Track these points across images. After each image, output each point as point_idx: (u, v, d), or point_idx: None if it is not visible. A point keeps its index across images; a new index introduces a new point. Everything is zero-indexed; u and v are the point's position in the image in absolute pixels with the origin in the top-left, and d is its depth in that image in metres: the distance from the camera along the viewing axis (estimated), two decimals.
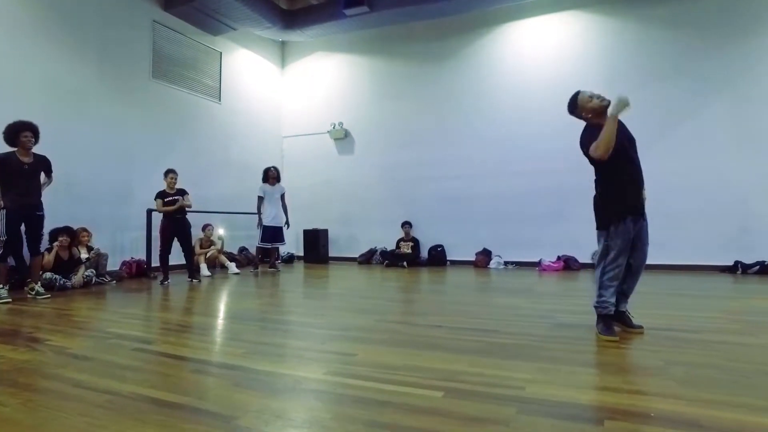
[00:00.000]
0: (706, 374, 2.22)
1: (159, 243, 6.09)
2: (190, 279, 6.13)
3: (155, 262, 6.63)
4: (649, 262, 3.14)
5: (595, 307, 3.07)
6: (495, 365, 2.40)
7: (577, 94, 3.12)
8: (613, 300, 3.03)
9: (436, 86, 9.07)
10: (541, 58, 8.33)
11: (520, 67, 8.47)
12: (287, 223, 7.77)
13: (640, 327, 3.10)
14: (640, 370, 2.33)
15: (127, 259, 6.85)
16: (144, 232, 6.77)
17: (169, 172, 6.11)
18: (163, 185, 6.14)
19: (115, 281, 6.10)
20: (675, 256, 7.29)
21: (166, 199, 6.01)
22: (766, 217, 6.99)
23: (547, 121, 8.12)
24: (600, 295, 3.04)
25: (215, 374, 2.29)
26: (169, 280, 5.99)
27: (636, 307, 3.35)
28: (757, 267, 6.83)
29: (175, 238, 6.05)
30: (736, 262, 7.01)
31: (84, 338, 3.02)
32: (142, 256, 6.86)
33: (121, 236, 6.90)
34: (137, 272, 6.74)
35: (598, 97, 3.03)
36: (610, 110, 2.90)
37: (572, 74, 8.01)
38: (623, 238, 2.95)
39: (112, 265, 6.46)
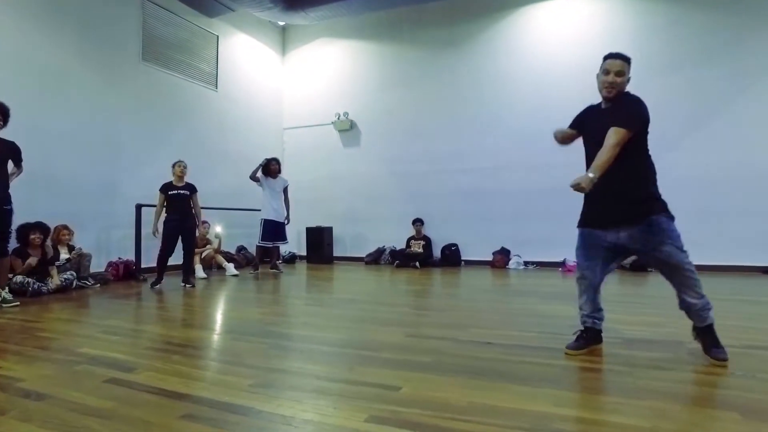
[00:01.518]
0: None
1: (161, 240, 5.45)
2: (183, 284, 5.43)
3: (145, 263, 5.99)
4: None
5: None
6: (584, 403, 1.81)
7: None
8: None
9: (449, 74, 8.42)
10: (563, 42, 7.71)
11: (541, 52, 7.84)
12: (287, 218, 7.13)
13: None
14: None
15: (114, 259, 6.18)
16: (133, 231, 6.10)
17: (178, 163, 5.49)
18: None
19: (99, 284, 5.44)
20: (709, 255, 6.68)
21: (170, 193, 5.37)
22: None
23: (572, 109, 7.38)
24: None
25: (216, 424, 1.66)
26: (161, 284, 5.34)
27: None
28: None
29: (179, 238, 5.43)
30: None
31: (45, 363, 2.37)
32: (131, 257, 6.20)
33: (107, 235, 6.23)
34: (125, 274, 6.07)
35: None
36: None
37: (598, 59, 7.37)
38: None
39: (97, 266, 5.79)
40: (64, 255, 5.30)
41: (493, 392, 1.94)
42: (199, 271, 6.41)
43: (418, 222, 8.17)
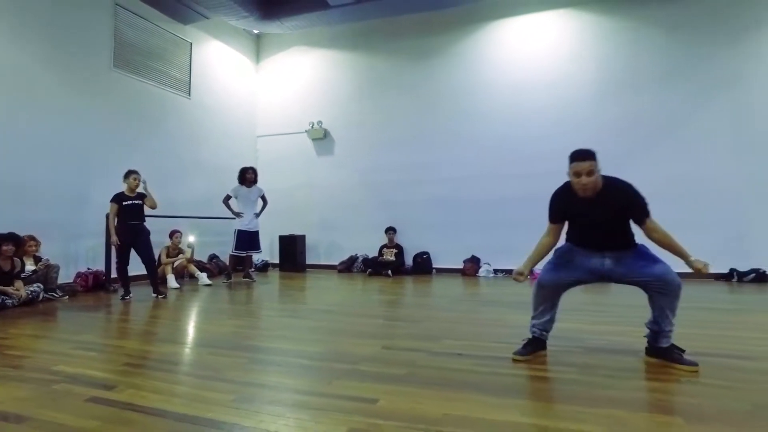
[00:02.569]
0: None
1: (115, 253, 5.37)
2: (155, 295, 5.37)
3: (115, 273, 5.90)
4: None
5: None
6: (554, 414, 1.93)
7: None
8: None
9: (422, 85, 8.62)
10: (533, 57, 8.00)
11: (512, 66, 8.12)
12: (257, 214, 7.08)
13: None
14: (729, 418, 1.89)
15: (83, 270, 6.08)
16: (103, 240, 6.02)
17: (132, 173, 5.36)
18: (122, 187, 5.39)
19: (67, 296, 5.35)
20: (671, 263, 7.02)
21: (124, 203, 5.27)
22: (761, 224, 6.85)
23: (541, 122, 7.81)
24: None
25: None
26: (131, 295, 5.29)
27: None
28: (753, 275, 6.67)
29: (133, 249, 5.32)
30: (732, 270, 6.85)
31: (20, 384, 2.36)
32: (101, 267, 6.10)
33: (76, 245, 6.12)
34: (94, 285, 5.98)
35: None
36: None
37: (567, 75, 7.72)
38: None
39: (66, 277, 5.70)
40: (29, 266, 5.18)
41: (465, 403, 2.06)
42: (172, 281, 6.36)
43: (390, 230, 8.30)
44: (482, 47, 8.32)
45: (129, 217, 5.26)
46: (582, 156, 2.55)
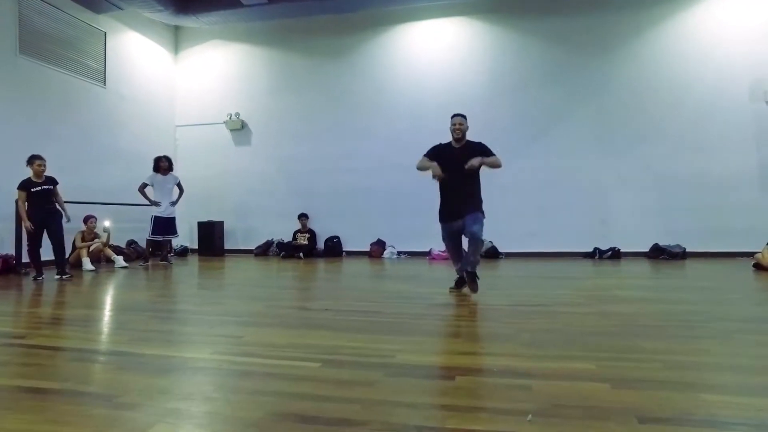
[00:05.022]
0: (547, 337, 2.68)
1: (26, 237, 5.59)
2: (58, 276, 5.50)
3: (26, 257, 6.09)
4: (522, 249, 3.85)
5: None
6: (371, 340, 2.68)
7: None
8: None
9: (334, 81, 9.26)
10: (433, 59, 8.88)
11: (414, 66, 8.95)
12: (173, 202, 7.50)
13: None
14: (495, 338, 2.73)
15: None
16: (12, 224, 6.18)
17: (36, 158, 5.49)
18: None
19: None
20: (545, 244, 8.22)
21: (33, 189, 5.45)
22: (619, 209, 8.17)
23: (439, 118, 8.66)
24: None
25: (98, 361, 2.31)
26: (43, 276, 5.55)
27: (504, 287, 3.84)
28: (610, 252, 7.95)
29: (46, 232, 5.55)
30: (595, 249, 8.09)
31: None
32: (11, 251, 6.26)
33: None
34: (4, 269, 6.13)
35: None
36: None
37: (461, 75, 8.68)
38: None
39: None
40: None
41: (307, 337, 2.74)
42: (87, 264, 6.62)
43: (303, 216, 8.92)
44: (389, 48, 9.09)
45: (39, 202, 5.48)
46: (458, 114, 4.30)
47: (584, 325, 2.94)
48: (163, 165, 7.40)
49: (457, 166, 3.96)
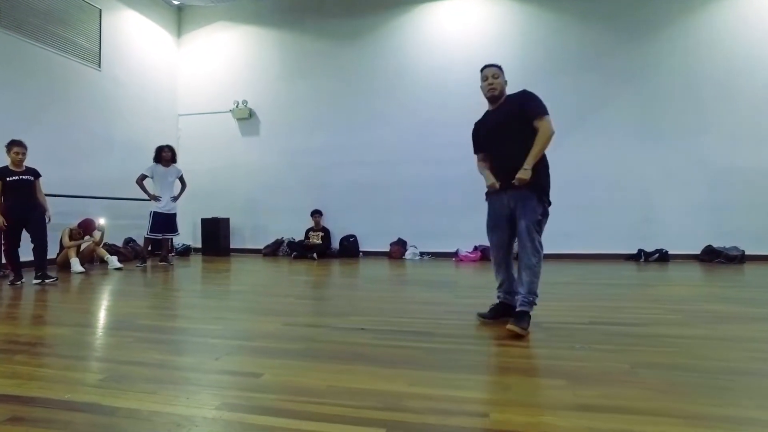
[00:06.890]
0: (681, 379, 1.91)
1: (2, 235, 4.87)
2: (38, 281, 4.78)
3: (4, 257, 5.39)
4: (555, 251, 2.95)
5: (534, 302, 2.77)
6: (441, 382, 1.92)
7: None
8: None
9: (349, 66, 8.48)
10: (459, 41, 8.08)
11: (438, 49, 8.16)
12: (175, 198, 6.76)
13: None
14: (609, 378, 1.96)
15: None
16: None
17: (14, 144, 4.79)
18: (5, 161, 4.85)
19: None
20: (582, 245, 7.44)
21: (9, 179, 4.73)
22: (665, 207, 7.34)
23: (465, 106, 7.85)
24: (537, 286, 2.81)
25: (42, 424, 1.55)
26: (23, 280, 4.82)
27: (563, 296, 3.07)
28: (657, 255, 7.14)
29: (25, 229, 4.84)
30: (639, 251, 7.29)
31: None
32: None
33: None
34: None
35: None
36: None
37: (489, 59, 7.68)
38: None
39: None
40: None
41: (354, 375, 2.00)
42: (76, 265, 5.89)
43: (316, 213, 8.16)
44: (410, 29, 8.30)
45: (17, 194, 4.77)
46: (490, 65, 3.05)
47: (715, 358, 2.18)
48: (165, 155, 6.66)
49: (498, 134, 2.94)
